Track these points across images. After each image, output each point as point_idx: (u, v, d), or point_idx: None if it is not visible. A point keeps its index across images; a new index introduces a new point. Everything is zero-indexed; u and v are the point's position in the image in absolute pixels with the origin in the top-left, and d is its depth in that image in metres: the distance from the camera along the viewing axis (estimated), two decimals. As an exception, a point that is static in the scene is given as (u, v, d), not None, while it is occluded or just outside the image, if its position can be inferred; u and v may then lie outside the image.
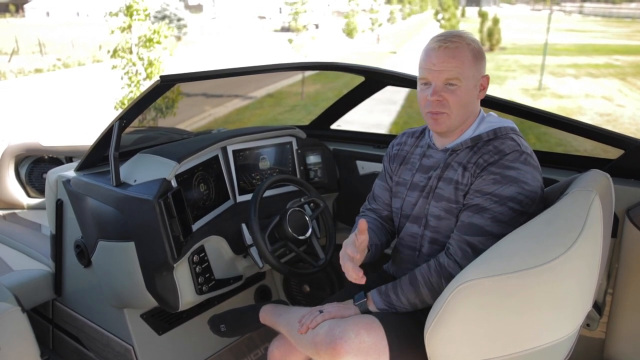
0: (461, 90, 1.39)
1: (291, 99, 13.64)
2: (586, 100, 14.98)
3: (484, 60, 1.44)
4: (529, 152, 1.40)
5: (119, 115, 1.77)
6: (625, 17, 60.59)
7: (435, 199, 1.49)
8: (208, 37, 37.19)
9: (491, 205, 1.36)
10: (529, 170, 1.36)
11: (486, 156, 1.40)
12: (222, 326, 1.83)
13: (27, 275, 2.15)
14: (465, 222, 1.40)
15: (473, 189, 1.40)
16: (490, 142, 1.42)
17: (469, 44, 1.40)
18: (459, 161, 1.45)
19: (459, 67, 1.37)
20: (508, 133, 1.43)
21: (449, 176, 1.47)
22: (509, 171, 1.35)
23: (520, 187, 1.34)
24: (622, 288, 1.63)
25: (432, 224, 1.51)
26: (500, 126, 1.44)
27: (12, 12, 63.61)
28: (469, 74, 1.39)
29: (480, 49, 1.43)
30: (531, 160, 1.39)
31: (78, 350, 2.23)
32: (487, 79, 1.46)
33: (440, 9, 37.85)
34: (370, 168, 2.27)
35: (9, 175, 2.92)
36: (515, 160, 1.36)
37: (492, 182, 1.36)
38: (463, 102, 1.40)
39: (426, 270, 1.42)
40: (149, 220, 1.67)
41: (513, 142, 1.40)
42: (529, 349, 1.09)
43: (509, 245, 1.15)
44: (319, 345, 1.39)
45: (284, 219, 1.85)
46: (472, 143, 1.45)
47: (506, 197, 1.35)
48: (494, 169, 1.37)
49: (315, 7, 32.93)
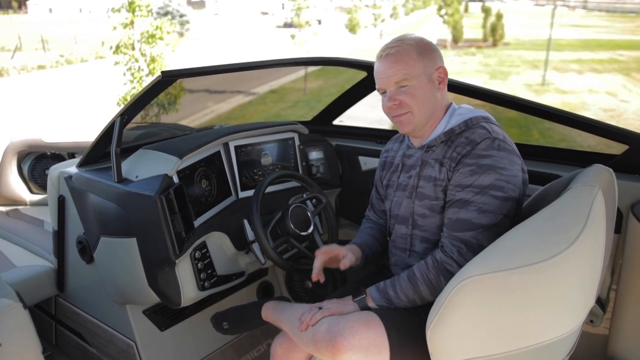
0: (414, 88, 1.43)
1: (294, 95, 13.64)
2: (590, 96, 14.93)
3: (434, 52, 1.45)
4: (501, 137, 1.39)
5: (121, 111, 1.77)
6: (630, 12, 60.28)
7: (418, 198, 1.51)
8: (210, 33, 37.16)
9: (474, 197, 1.36)
10: (503, 155, 1.36)
11: (459, 148, 1.40)
12: (224, 324, 1.83)
13: (30, 272, 2.15)
14: (453, 218, 1.40)
15: (452, 184, 1.41)
16: (462, 133, 1.43)
17: (410, 44, 1.43)
18: (435, 157, 1.47)
19: (403, 68, 1.42)
20: (479, 122, 1.43)
21: (427, 173, 1.48)
22: (484, 160, 1.36)
23: (498, 173, 1.35)
24: (625, 284, 1.62)
25: (419, 222, 1.52)
26: (472, 116, 1.45)
27: (15, 9, 63.70)
28: (417, 71, 1.42)
29: (426, 44, 1.45)
30: (505, 145, 1.38)
31: (80, 346, 2.23)
32: (442, 70, 1.46)
33: (444, 4, 37.71)
34: (372, 164, 2.27)
35: (11, 171, 2.93)
36: (488, 147, 1.36)
37: (469, 174, 1.37)
38: (421, 99, 1.44)
39: (424, 267, 1.42)
40: (151, 216, 1.67)
41: (483, 130, 1.40)
42: (532, 345, 1.08)
43: (511, 241, 1.15)
44: (319, 343, 1.39)
45: (286, 215, 1.85)
46: (446, 137, 1.46)
47: (486, 185, 1.35)
48: (469, 161, 1.37)
49: (318, 3, 32.89)
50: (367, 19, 31.85)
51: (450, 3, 35.65)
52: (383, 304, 1.46)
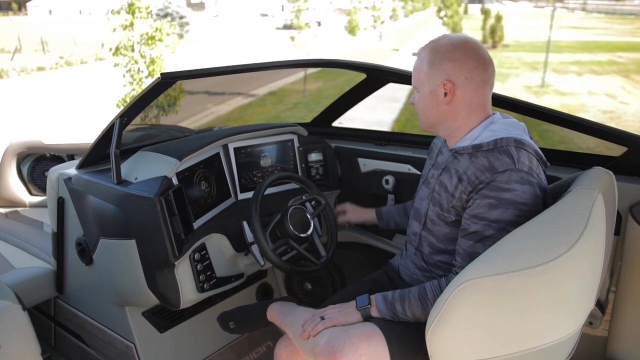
0: (418, 98, 1.48)
1: (293, 97, 13.64)
2: (589, 98, 14.94)
3: (446, 63, 1.38)
4: (526, 169, 1.30)
5: (120, 113, 1.77)
6: (629, 14, 60.38)
7: (432, 202, 1.50)
8: (210, 35, 37.17)
9: (491, 232, 1.31)
10: (526, 190, 1.29)
11: (479, 172, 1.33)
12: (230, 323, 1.84)
13: (29, 273, 2.15)
14: (467, 251, 1.35)
15: (468, 212, 1.35)
16: (488, 153, 1.34)
17: (427, 52, 1.43)
18: (457, 168, 1.41)
19: (415, 76, 1.47)
20: (509, 145, 1.33)
21: (445, 182, 1.45)
22: (505, 193, 1.29)
23: (519, 210, 1.28)
24: (625, 286, 1.62)
25: (429, 226, 1.51)
26: (503, 136, 1.35)
27: (14, 10, 63.71)
28: (422, 83, 1.45)
29: (443, 52, 1.39)
30: (529, 177, 1.30)
31: (80, 348, 2.23)
32: (449, 84, 1.39)
33: (443, 6, 37.76)
34: (372, 166, 2.27)
35: (10, 173, 2.93)
36: (510, 180, 1.29)
37: (487, 207, 1.31)
38: (420, 109, 1.49)
39: (437, 288, 1.38)
40: (150, 218, 1.67)
41: (509, 160, 1.31)
42: (531, 348, 1.08)
43: (511, 243, 1.14)
44: (318, 356, 1.38)
45: (285, 216, 1.85)
46: (473, 150, 1.38)
47: (505, 221, 1.29)
48: (488, 193, 1.30)
49: (318, 5, 32.91)
50: (366, 20, 31.81)
51: (449, 5, 35.70)
52: (387, 317, 1.43)
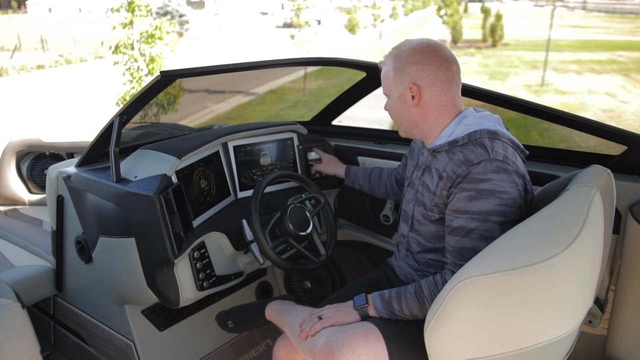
0: (389, 104, 1.52)
1: (293, 95, 13.64)
2: (589, 97, 14.95)
3: (409, 67, 1.41)
4: (500, 158, 1.31)
5: (120, 111, 1.77)
6: (629, 12, 60.34)
7: (417, 203, 1.51)
8: (210, 34, 37.14)
9: (475, 225, 1.31)
10: (503, 178, 1.29)
11: (455, 167, 1.35)
12: (229, 322, 1.84)
13: (28, 271, 2.15)
14: (456, 247, 1.36)
15: (450, 208, 1.36)
16: (464, 147, 1.36)
17: (391, 59, 1.47)
18: (437, 167, 1.43)
19: (384, 83, 1.51)
20: (482, 136, 1.35)
21: (427, 182, 1.47)
22: (482, 184, 1.29)
23: (499, 198, 1.29)
24: (624, 284, 1.62)
25: (416, 226, 1.53)
26: (477, 129, 1.36)
27: (14, 9, 63.66)
28: (391, 87, 1.48)
29: (404, 58, 1.43)
30: (505, 166, 1.30)
31: (79, 346, 2.23)
32: (414, 87, 1.42)
33: (443, 4, 37.71)
34: (371, 164, 2.27)
35: (10, 171, 2.93)
36: (485, 170, 1.30)
37: (467, 200, 1.31)
38: (393, 115, 1.52)
39: (432, 285, 1.38)
40: (150, 216, 1.67)
41: (482, 150, 1.32)
42: (530, 346, 1.08)
43: (509, 242, 1.14)
44: (317, 356, 1.38)
45: (284, 215, 1.85)
46: (449, 147, 1.39)
47: (487, 212, 1.29)
48: (467, 185, 1.31)
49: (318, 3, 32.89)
50: (366, 19, 31.84)
51: (449, 4, 35.63)
52: (385, 316, 1.44)
